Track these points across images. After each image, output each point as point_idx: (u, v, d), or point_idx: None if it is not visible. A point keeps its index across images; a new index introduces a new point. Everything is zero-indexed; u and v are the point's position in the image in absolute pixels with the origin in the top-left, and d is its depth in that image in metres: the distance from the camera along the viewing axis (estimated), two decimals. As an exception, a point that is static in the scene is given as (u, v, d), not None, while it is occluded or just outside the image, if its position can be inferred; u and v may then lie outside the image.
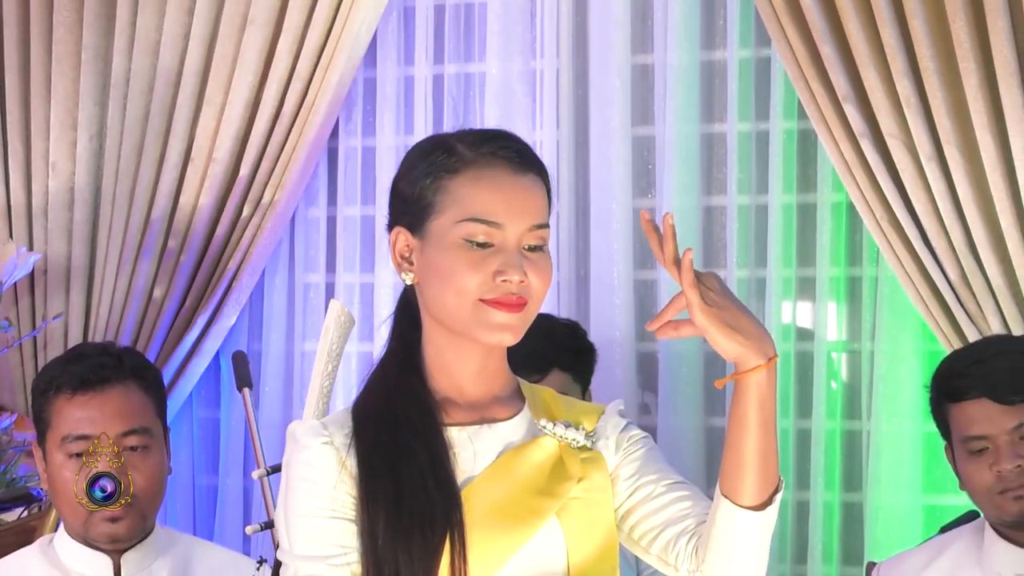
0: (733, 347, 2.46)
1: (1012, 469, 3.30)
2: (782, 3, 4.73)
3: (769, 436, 2.49)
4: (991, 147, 4.57)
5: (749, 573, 2.55)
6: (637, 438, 2.72)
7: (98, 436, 3.31)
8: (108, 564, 3.38)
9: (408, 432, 2.63)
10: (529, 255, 2.60)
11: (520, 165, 2.65)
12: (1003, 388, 3.31)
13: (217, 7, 5.29)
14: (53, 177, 5.44)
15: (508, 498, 2.59)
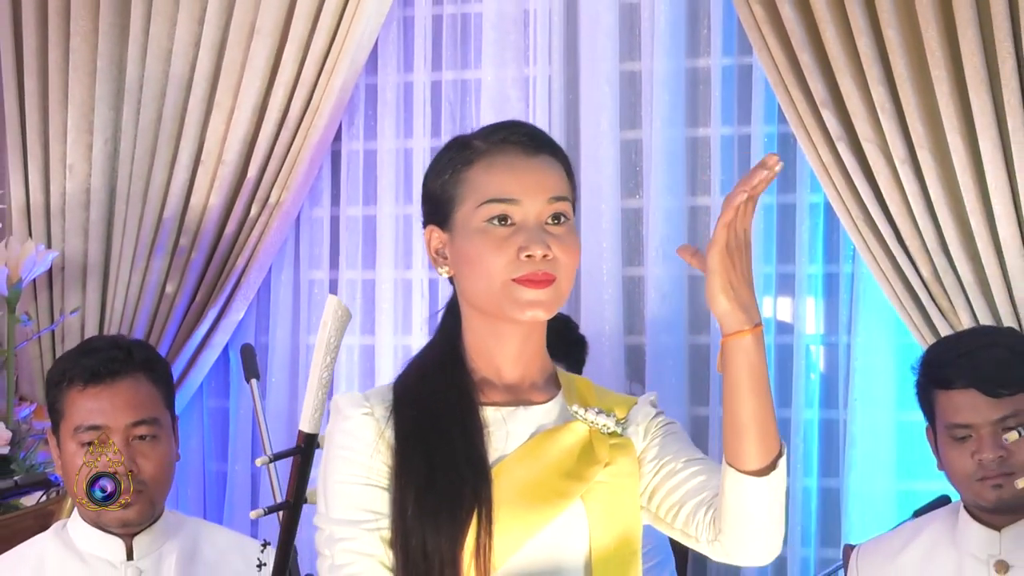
0: (722, 303, 2.42)
1: (993, 459, 3.29)
2: (763, 13, 4.72)
3: (762, 401, 2.45)
4: (961, 150, 4.56)
5: (764, 538, 2.52)
6: (664, 423, 2.69)
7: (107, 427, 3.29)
8: (120, 546, 3.37)
9: (444, 409, 2.62)
10: (552, 229, 2.57)
11: (531, 147, 2.63)
12: (991, 381, 3.29)
13: (226, 17, 5.28)
14: (70, 178, 5.43)
15: (536, 478, 2.57)
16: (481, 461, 2.56)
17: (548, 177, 2.62)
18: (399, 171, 5.37)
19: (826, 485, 4.92)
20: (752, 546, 2.54)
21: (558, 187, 2.61)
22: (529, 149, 2.63)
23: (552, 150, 2.66)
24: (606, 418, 2.62)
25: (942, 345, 3.58)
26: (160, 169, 5.34)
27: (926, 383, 3.43)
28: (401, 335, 5.35)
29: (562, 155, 2.67)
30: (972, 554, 3.40)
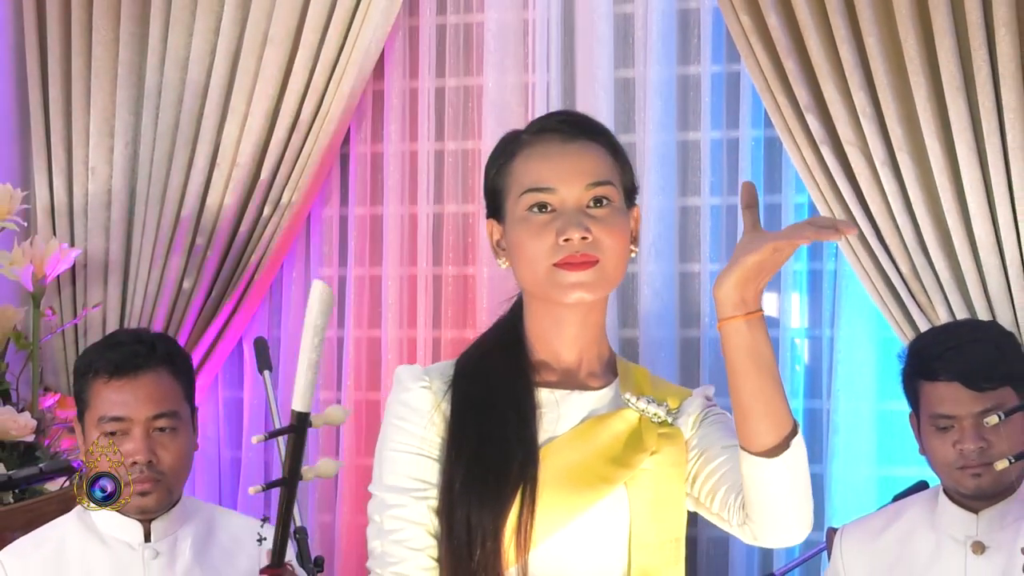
0: (724, 282, 2.37)
1: (974, 449, 3.29)
2: (750, 23, 4.71)
3: (764, 381, 2.41)
4: (939, 153, 4.56)
5: (787, 518, 2.51)
6: (714, 414, 2.65)
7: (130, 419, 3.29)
8: (138, 529, 3.37)
9: (500, 387, 2.60)
10: (593, 212, 2.54)
11: (570, 134, 2.60)
12: (975, 375, 3.29)
13: (240, 26, 5.28)
14: (92, 180, 5.43)
15: (582, 462, 2.54)
16: (530, 441, 2.54)
17: (585, 162, 2.58)
18: (404, 173, 5.36)
19: (811, 471, 4.89)
20: (777, 527, 2.51)
21: (597, 171, 2.57)
22: (567, 136, 2.60)
23: (593, 135, 2.63)
24: (657, 407, 2.58)
25: (929, 337, 3.57)
26: (178, 171, 5.34)
27: (912, 373, 3.42)
28: (406, 328, 5.34)
29: (607, 139, 2.64)
30: (950, 535, 3.39)
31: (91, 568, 3.36)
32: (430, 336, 5.31)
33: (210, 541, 3.40)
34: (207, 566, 3.36)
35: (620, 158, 2.63)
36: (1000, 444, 3.26)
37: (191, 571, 3.37)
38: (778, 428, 2.42)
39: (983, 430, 3.28)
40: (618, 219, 2.56)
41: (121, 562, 3.37)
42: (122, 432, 3.31)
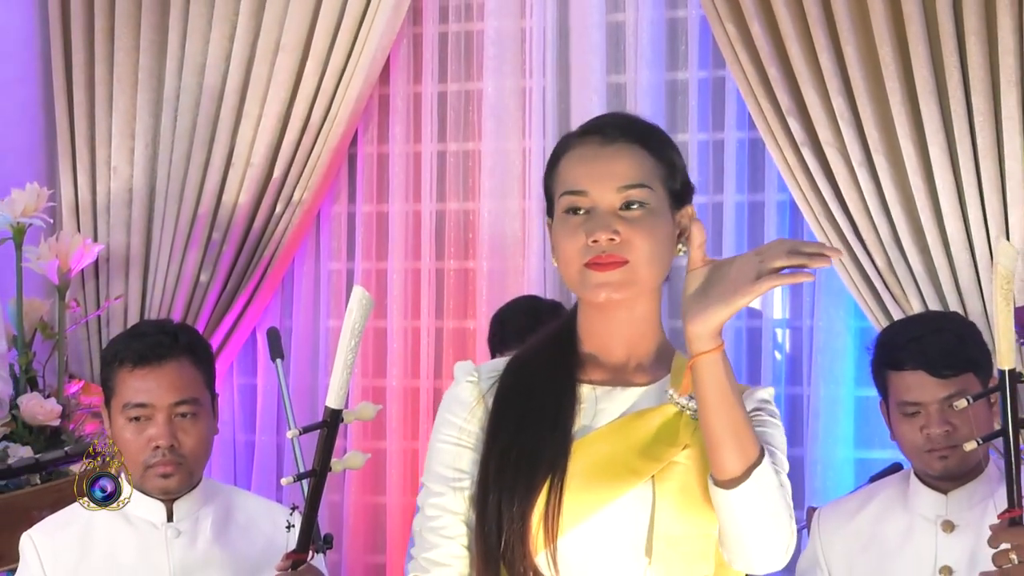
0: (711, 318, 2.27)
1: (940, 433, 3.29)
2: (735, 31, 4.73)
3: (735, 410, 2.28)
4: (912, 155, 4.57)
5: (755, 549, 2.35)
6: (757, 420, 2.43)
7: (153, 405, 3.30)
8: (161, 509, 3.37)
9: (543, 381, 2.52)
10: (625, 215, 2.42)
11: (609, 137, 2.49)
12: (938, 364, 3.29)
13: (254, 34, 5.28)
14: (114, 179, 5.44)
15: (612, 455, 2.43)
16: (564, 433, 2.46)
17: (619, 165, 2.46)
18: (408, 172, 5.37)
19: (791, 454, 4.81)
20: (746, 556, 2.37)
21: (629, 175, 2.45)
22: (606, 139, 2.49)
23: (632, 137, 2.50)
24: (693, 401, 2.39)
25: (894, 329, 3.57)
26: (195, 170, 5.34)
27: (880, 364, 3.42)
28: (410, 319, 5.35)
29: (649, 141, 2.50)
30: (922, 515, 3.40)
31: (116, 546, 3.37)
32: (432, 326, 5.32)
33: (228, 521, 3.40)
34: (226, 544, 3.37)
35: (664, 159, 2.49)
36: (964, 427, 3.26)
37: (211, 549, 3.37)
38: (747, 456, 2.29)
39: (948, 414, 3.28)
40: (651, 220, 2.44)
41: (145, 540, 3.37)
42: (146, 418, 3.31)
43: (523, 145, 5.20)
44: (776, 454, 2.42)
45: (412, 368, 5.33)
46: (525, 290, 4.96)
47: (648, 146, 2.49)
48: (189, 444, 3.33)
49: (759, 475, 2.29)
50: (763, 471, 2.29)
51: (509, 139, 5.23)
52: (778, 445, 2.45)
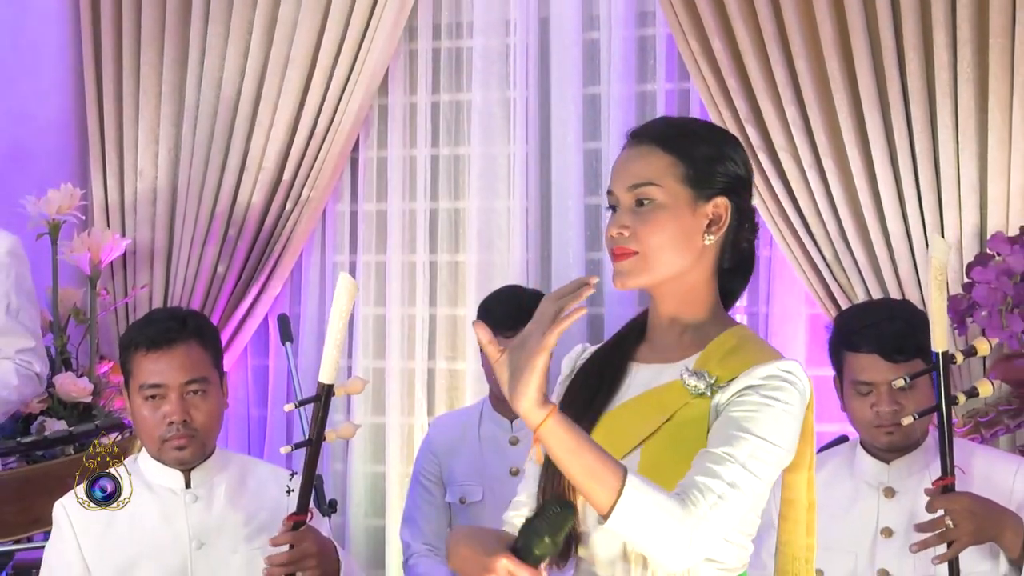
0: (526, 393, 2.16)
1: (888, 412, 3.29)
2: (698, 47, 4.72)
3: (580, 463, 2.17)
4: (857, 158, 4.57)
5: (649, 556, 2.27)
6: (742, 399, 2.31)
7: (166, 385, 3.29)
8: (180, 477, 3.36)
9: (598, 359, 2.51)
10: (637, 210, 2.38)
11: (633, 140, 2.45)
12: (890, 348, 3.28)
13: (265, 51, 5.27)
14: (140, 181, 5.43)
15: (618, 426, 2.39)
16: (597, 405, 2.43)
17: (632, 165, 2.41)
18: (405, 175, 5.36)
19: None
20: (653, 561, 2.30)
21: (639, 174, 2.40)
22: (630, 143, 2.46)
23: (650, 139, 2.43)
24: (697, 380, 2.34)
25: (851, 314, 3.55)
26: (213, 173, 5.33)
27: (837, 344, 3.41)
28: (407, 307, 5.34)
29: (667, 141, 2.42)
30: (866, 481, 3.40)
31: (140, 511, 3.35)
32: (427, 313, 5.31)
33: (241, 487, 3.40)
34: (238, 507, 3.36)
35: (683, 156, 2.39)
36: (910, 406, 3.26)
37: (225, 512, 3.36)
38: (610, 489, 2.17)
39: (896, 394, 3.28)
40: (659, 214, 2.37)
41: (165, 505, 3.36)
42: (160, 396, 3.30)
43: (508, 150, 5.19)
44: (714, 453, 2.27)
45: (409, 350, 5.32)
46: (509, 280, 4.94)
47: (666, 145, 2.41)
48: (200, 419, 3.32)
49: (625, 503, 2.16)
50: (628, 498, 2.16)
51: (495, 144, 5.22)
52: (750, 429, 2.27)
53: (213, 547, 3.34)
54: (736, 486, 2.23)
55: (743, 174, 2.45)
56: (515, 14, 5.18)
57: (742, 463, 2.24)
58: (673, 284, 2.42)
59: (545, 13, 5.17)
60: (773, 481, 2.32)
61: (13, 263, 4.33)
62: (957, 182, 4.49)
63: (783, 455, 2.31)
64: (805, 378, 2.35)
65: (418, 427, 5.25)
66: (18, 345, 4.31)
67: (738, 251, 2.46)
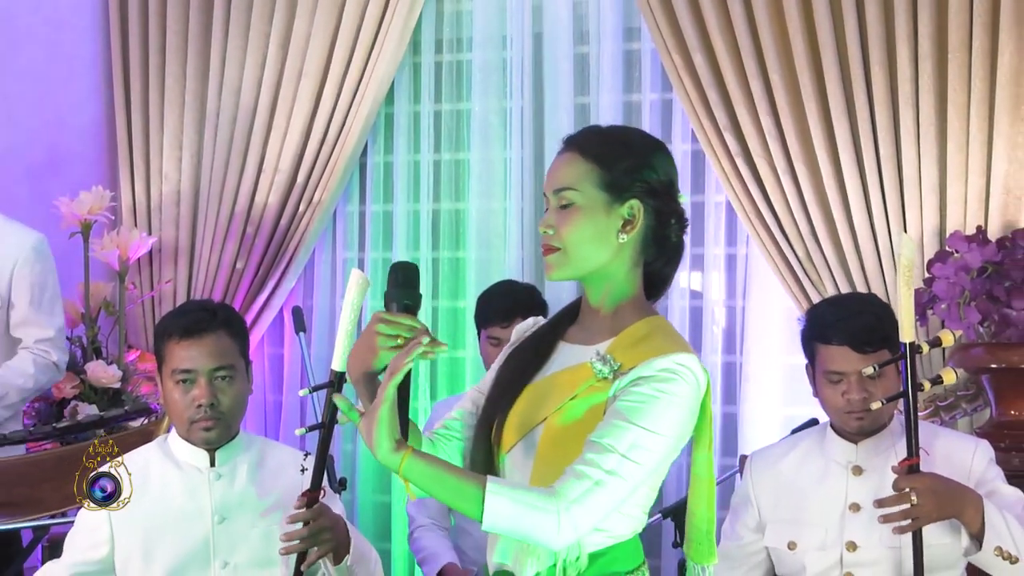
0: (381, 442, 2.26)
1: (858, 399, 3.28)
2: (681, 61, 4.72)
3: (444, 488, 2.26)
4: (827, 163, 4.57)
5: (530, 543, 2.36)
6: (633, 389, 2.34)
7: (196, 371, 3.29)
8: (205, 456, 3.36)
9: (538, 336, 2.56)
10: (561, 211, 2.43)
11: (565, 146, 2.50)
12: (860, 340, 3.27)
13: (281, 63, 5.27)
14: (165, 183, 5.43)
15: (533, 399, 2.45)
16: (523, 379, 2.49)
17: (558, 171, 2.47)
18: (410, 178, 5.36)
19: (728, 411, 4.92)
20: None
21: (559, 179, 2.45)
22: (562, 148, 2.50)
23: (572, 147, 2.48)
24: (602, 365, 2.39)
25: (823, 307, 3.54)
26: (232, 176, 5.33)
27: (809, 336, 3.40)
28: (410, 300, 5.33)
29: (586, 148, 2.46)
30: (835, 460, 3.39)
31: (168, 486, 3.35)
32: (429, 305, 5.31)
33: (261, 466, 3.39)
34: (258, 485, 3.35)
35: (600, 162, 2.44)
36: (877, 392, 3.25)
37: (246, 489, 3.35)
38: (473, 500, 2.25)
39: (866, 383, 3.27)
40: (577, 215, 2.42)
41: (191, 482, 3.36)
42: (190, 381, 3.29)
43: (504, 155, 5.20)
44: (598, 443, 2.31)
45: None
46: (505, 276, 4.94)
47: (586, 153, 2.46)
48: (227, 403, 3.32)
49: (489, 508, 2.23)
50: (490, 504, 2.23)
51: (493, 150, 5.22)
52: (634, 420, 2.31)
53: (234, 521, 3.34)
54: (615, 473, 2.28)
55: (663, 180, 2.47)
56: (511, 30, 5.18)
57: (622, 452, 2.29)
58: (595, 275, 2.47)
59: (539, 29, 5.17)
60: (658, 466, 2.36)
61: (38, 259, 4.35)
62: (919, 185, 4.48)
63: (668, 442, 2.35)
64: (699, 370, 2.39)
65: (422, 410, 5.25)
66: (38, 335, 4.34)
67: (665, 245, 2.49)
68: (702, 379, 2.40)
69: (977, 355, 4.16)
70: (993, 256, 4.16)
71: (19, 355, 4.31)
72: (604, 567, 2.39)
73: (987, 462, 3.34)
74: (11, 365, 4.29)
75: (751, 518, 3.47)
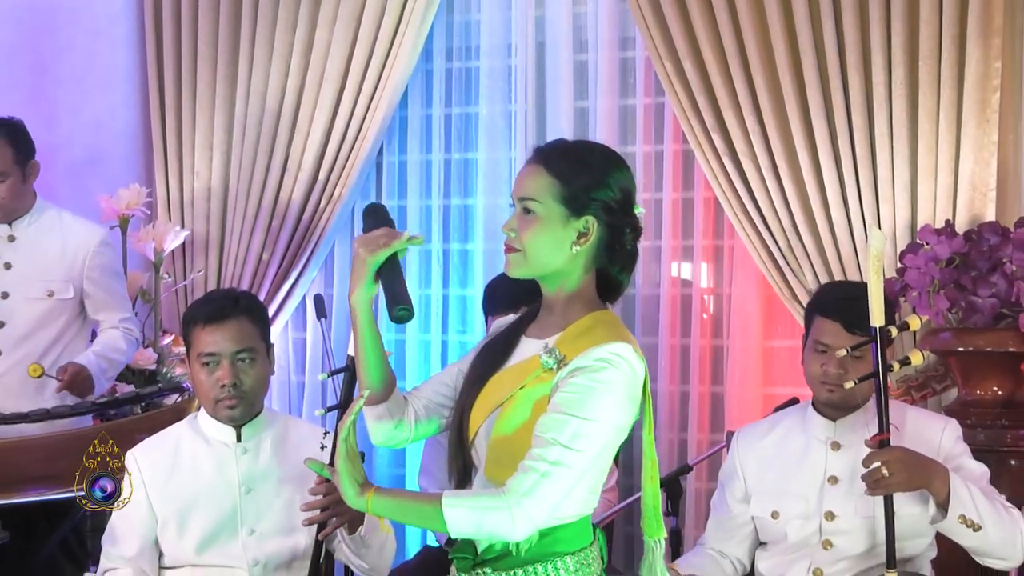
0: (356, 499, 2.37)
1: (834, 373, 3.28)
2: (672, 68, 4.70)
3: (411, 514, 2.39)
4: (807, 161, 4.55)
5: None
6: (570, 381, 2.36)
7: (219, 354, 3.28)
8: (232, 433, 3.36)
9: (507, 331, 2.58)
10: (524, 217, 2.45)
11: (534, 157, 2.50)
12: (852, 321, 3.27)
13: (303, 69, 5.26)
14: (197, 181, 5.43)
15: (492, 389, 2.47)
16: (489, 368, 2.50)
17: (525, 180, 2.48)
18: (422, 176, 5.35)
19: (714, 391, 4.91)
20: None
21: (525, 189, 2.46)
22: (531, 159, 2.50)
23: (538, 160, 2.49)
24: (549, 356, 2.41)
25: (832, 286, 3.60)
26: (259, 174, 5.32)
27: (812, 308, 3.41)
28: (424, 288, 5.33)
29: (550, 163, 2.47)
30: (815, 436, 3.38)
31: (198, 460, 3.36)
32: (441, 293, 5.31)
33: (284, 441, 3.39)
34: (281, 459, 3.35)
35: (561, 178, 2.45)
36: (853, 373, 3.25)
37: (270, 463, 3.35)
38: (437, 515, 2.30)
39: (844, 360, 3.27)
40: (538, 224, 2.44)
41: (219, 456, 3.36)
42: (214, 363, 3.29)
43: (510, 155, 5.19)
44: (543, 437, 2.32)
45: (424, 325, 5.32)
46: (511, 266, 4.92)
47: (551, 168, 2.47)
48: (248, 383, 3.32)
49: (450, 521, 2.29)
50: (449, 517, 2.28)
51: (499, 150, 5.21)
52: (573, 412, 2.32)
53: (259, 492, 3.34)
54: (560, 463, 2.29)
55: (617, 198, 2.48)
56: (516, 39, 5.18)
57: (564, 443, 2.30)
58: (551, 276, 2.49)
59: (541, 38, 5.15)
60: (602, 451, 2.36)
61: (106, 250, 4.46)
62: (892, 182, 4.47)
63: (607, 428, 2.35)
64: (635, 358, 2.38)
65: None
66: (120, 316, 4.45)
67: (618, 253, 2.50)
68: (638, 366, 2.39)
69: (945, 339, 4.15)
70: (960, 248, 4.15)
71: (108, 333, 4.40)
72: (549, 546, 2.39)
73: (955, 439, 3.34)
74: (105, 342, 4.37)
75: (738, 489, 3.46)
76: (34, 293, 4.34)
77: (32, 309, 4.33)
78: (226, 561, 3.29)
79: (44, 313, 4.34)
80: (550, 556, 2.40)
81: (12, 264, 4.34)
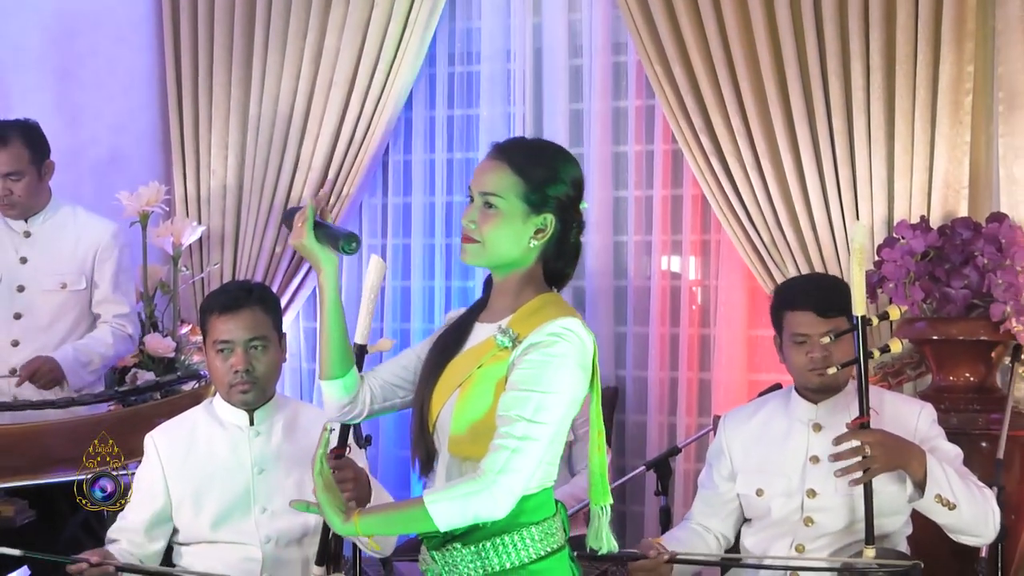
0: (342, 525, 2.37)
1: (819, 357, 3.27)
2: (661, 71, 4.69)
3: (398, 525, 2.41)
4: (790, 161, 4.55)
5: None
6: (525, 358, 2.36)
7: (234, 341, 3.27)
8: (245, 417, 3.35)
9: (459, 320, 2.57)
10: (485, 210, 2.43)
11: (496, 153, 2.48)
12: (822, 306, 3.26)
13: (313, 74, 5.25)
14: (213, 179, 5.42)
15: (452, 371, 2.46)
16: (446, 354, 2.50)
17: (487, 176, 2.45)
18: (426, 175, 5.34)
19: (702, 377, 4.90)
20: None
21: (487, 184, 2.44)
22: (493, 154, 2.49)
23: (501, 157, 2.47)
24: (503, 336, 2.40)
25: (792, 281, 3.56)
26: (271, 173, 5.31)
27: (778, 306, 3.39)
28: (427, 280, 5.33)
29: (514, 160, 2.45)
30: (798, 419, 3.38)
31: (213, 443, 3.35)
32: (443, 285, 5.30)
33: (295, 425, 3.38)
34: (292, 442, 3.34)
35: (525, 176, 2.44)
36: (835, 355, 3.25)
37: (281, 446, 3.35)
38: (423, 516, 2.29)
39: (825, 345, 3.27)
40: (498, 218, 2.42)
41: (233, 439, 3.35)
42: (229, 350, 3.28)
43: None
44: (506, 417, 2.32)
45: (428, 315, 5.31)
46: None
47: (513, 166, 2.45)
48: (261, 369, 3.31)
49: (436, 517, 2.28)
50: (434, 513, 2.28)
51: (496, 153, 5.19)
52: (532, 387, 2.32)
53: (271, 473, 3.33)
54: (527, 437, 2.30)
55: (571, 193, 2.47)
56: (514, 45, 5.16)
57: (528, 418, 2.30)
58: (505, 267, 2.48)
59: (539, 44, 5.14)
60: (562, 420, 2.36)
61: (117, 245, 4.47)
62: (869, 180, 4.46)
63: (565, 399, 2.35)
64: (583, 331, 2.39)
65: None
66: (115, 311, 4.44)
67: (566, 246, 2.49)
68: (587, 339, 2.40)
69: (920, 328, 4.15)
70: (935, 242, 4.15)
71: (99, 328, 4.42)
72: (515, 517, 2.37)
73: (930, 422, 3.34)
74: (94, 336, 4.39)
75: (725, 468, 3.45)
76: (49, 286, 4.37)
77: (48, 301, 4.36)
78: (240, 538, 3.28)
79: (59, 305, 4.37)
80: (516, 527, 2.39)
81: (28, 258, 4.37)
